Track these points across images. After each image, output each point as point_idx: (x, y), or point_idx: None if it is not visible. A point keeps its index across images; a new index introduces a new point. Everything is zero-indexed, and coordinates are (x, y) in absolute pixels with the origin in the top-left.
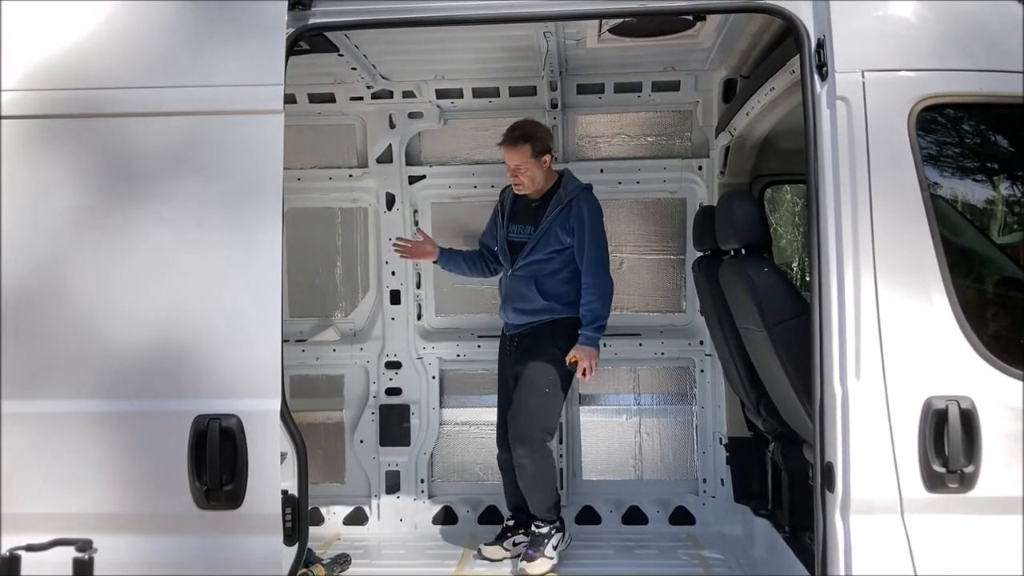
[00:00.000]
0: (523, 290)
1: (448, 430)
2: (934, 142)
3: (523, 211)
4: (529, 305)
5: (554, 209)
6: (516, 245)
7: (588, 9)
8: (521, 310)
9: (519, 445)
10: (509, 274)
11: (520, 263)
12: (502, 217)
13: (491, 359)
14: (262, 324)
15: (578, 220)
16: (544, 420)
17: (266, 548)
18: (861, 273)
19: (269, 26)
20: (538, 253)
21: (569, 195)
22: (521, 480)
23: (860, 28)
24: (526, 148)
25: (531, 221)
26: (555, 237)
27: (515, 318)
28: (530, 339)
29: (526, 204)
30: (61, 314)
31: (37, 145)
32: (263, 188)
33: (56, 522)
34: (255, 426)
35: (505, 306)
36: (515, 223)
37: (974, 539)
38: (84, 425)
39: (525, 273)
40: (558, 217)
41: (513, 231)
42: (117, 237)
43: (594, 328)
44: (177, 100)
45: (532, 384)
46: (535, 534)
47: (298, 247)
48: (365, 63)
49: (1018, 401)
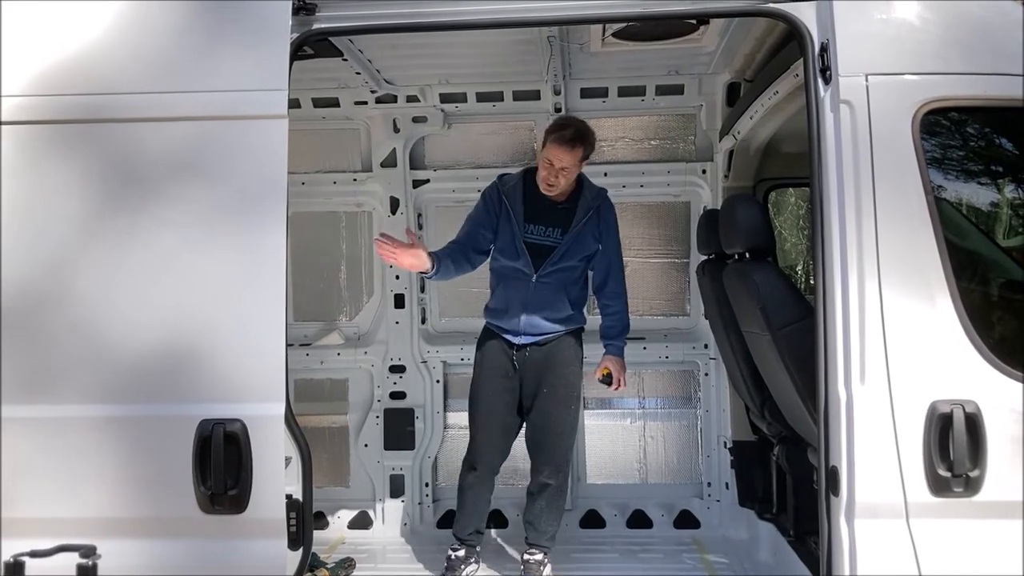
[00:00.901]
0: (551, 297)
1: (452, 434)
2: (938, 146)
3: (545, 213)
4: (558, 314)
5: (586, 214)
6: (538, 248)
7: (591, 14)
8: (549, 318)
9: (547, 465)
10: (532, 280)
11: (549, 268)
12: (513, 216)
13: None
14: (266, 329)
15: (607, 226)
16: (570, 439)
17: (271, 552)
18: (865, 277)
19: (273, 31)
20: (570, 259)
21: (596, 200)
22: (539, 501)
23: (864, 32)
24: (579, 151)
25: (557, 224)
26: (586, 243)
27: (537, 327)
28: (552, 350)
29: (548, 206)
30: (67, 318)
31: (43, 150)
32: (268, 193)
33: (61, 526)
34: (259, 431)
35: (524, 313)
36: (536, 224)
37: (979, 543)
38: (89, 429)
39: (554, 280)
40: (589, 223)
41: (534, 233)
42: (122, 241)
43: (624, 338)
44: (182, 105)
45: (561, 401)
46: (530, 563)
47: (302, 251)
48: (369, 67)
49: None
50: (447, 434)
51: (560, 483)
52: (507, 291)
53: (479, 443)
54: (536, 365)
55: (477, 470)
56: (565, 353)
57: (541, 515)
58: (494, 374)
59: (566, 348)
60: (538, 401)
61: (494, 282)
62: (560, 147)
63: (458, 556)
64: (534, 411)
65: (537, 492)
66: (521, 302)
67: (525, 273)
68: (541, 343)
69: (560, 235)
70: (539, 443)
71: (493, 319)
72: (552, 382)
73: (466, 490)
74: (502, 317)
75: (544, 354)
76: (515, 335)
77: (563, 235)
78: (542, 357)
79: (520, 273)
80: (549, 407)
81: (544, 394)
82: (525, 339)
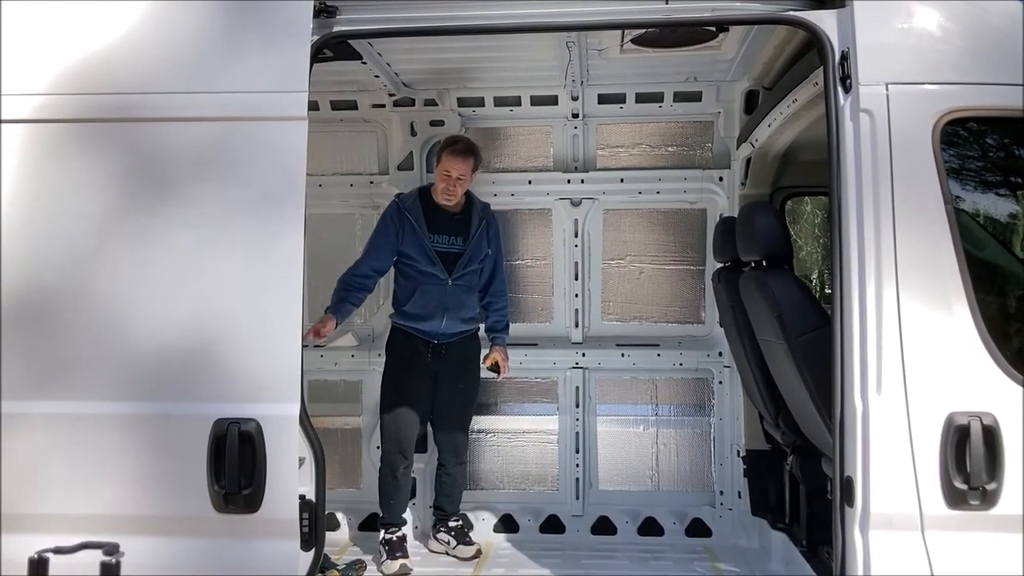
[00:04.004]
0: (463, 298)
1: None
2: (958, 155)
3: (444, 223)
4: (469, 313)
5: (479, 223)
6: (445, 255)
7: (611, 19)
8: (463, 318)
9: (461, 454)
10: (448, 283)
11: (459, 272)
12: (417, 228)
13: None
14: (283, 329)
15: (495, 235)
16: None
17: (283, 553)
18: (883, 286)
19: (294, 33)
20: (473, 264)
21: (483, 211)
22: (455, 482)
23: (884, 41)
24: (471, 161)
25: (457, 233)
26: (482, 248)
27: (453, 326)
28: (461, 348)
29: (446, 217)
30: (86, 317)
31: (67, 148)
32: (286, 193)
33: (78, 523)
34: (274, 431)
35: (443, 315)
36: (439, 234)
37: (996, 557)
38: (107, 427)
39: (465, 283)
40: (481, 231)
41: (439, 242)
42: (142, 241)
43: (507, 331)
44: (203, 105)
45: (470, 396)
46: (459, 529)
47: (319, 253)
48: (388, 71)
49: None
50: None
51: (464, 463)
52: (424, 296)
53: (405, 435)
54: (449, 362)
55: (407, 458)
56: (471, 350)
57: (455, 493)
58: (415, 373)
59: (471, 345)
60: (452, 396)
61: (409, 289)
62: (455, 158)
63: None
64: (448, 405)
65: (456, 476)
66: (440, 305)
67: (440, 278)
68: (454, 342)
69: (462, 243)
70: (449, 435)
71: (409, 322)
72: (460, 376)
73: (399, 478)
74: (421, 320)
75: (458, 352)
76: (430, 335)
77: (464, 242)
78: (455, 355)
79: (435, 279)
80: (459, 400)
81: (459, 390)
82: (442, 339)
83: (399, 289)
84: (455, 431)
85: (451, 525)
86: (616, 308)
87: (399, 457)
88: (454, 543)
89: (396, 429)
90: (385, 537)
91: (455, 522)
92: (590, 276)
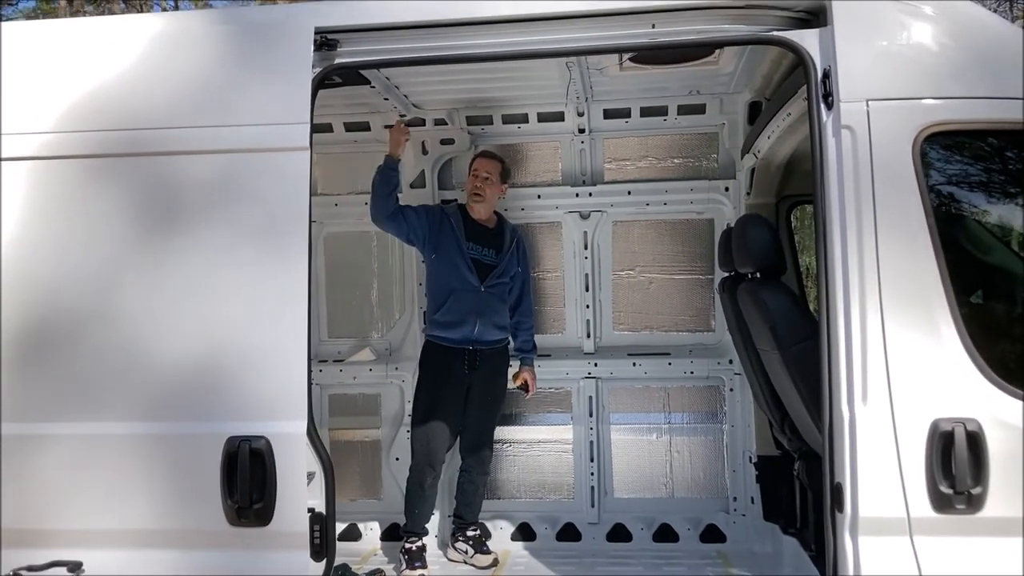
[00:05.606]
0: (497, 306)
1: None
2: (939, 169)
3: (480, 234)
4: (502, 320)
5: (511, 241)
6: (478, 264)
7: (600, 44)
8: (496, 324)
9: (486, 464)
10: (481, 290)
11: (492, 281)
12: (455, 231)
13: None
14: (289, 350)
15: (524, 255)
16: (494, 439)
17: (294, 563)
18: (867, 298)
19: (296, 67)
20: (504, 276)
21: (514, 232)
22: (477, 490)
23: (864, 58)
24: (498, 163)
25: (491, 245)
26: (512, 265)
27: (487, 332)
28: (496, 357)
29: (481, 229)
30: (104, 342)
31: (82, 182)
32: (291, 219)
33: (99, 538)
34: (283, 447)
35: (479, 320)
36: (475, 243)
37: (982, 560)
38: (125, 446)
39: (497, 292)
40: (512, 248)
41: (474, 250)
42: (154, 269)
43: (535, 351)
44: (211, 139)
45: (499, 404)
46: (476, 538)
47: (337, 270)
48: (397, 93)
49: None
50: None
51: (488, 474)
52: (458, 302)
53: (436, 448)
54: (484, 370)
55: (436, 470)
56: (504, 360)
57: (476, 501)
58: (451, 379)
59: (504, 355)
60: (482, 408)
61: (442, 296)
62: (483, 159)
63: (419, 547)
64: (478, 416)
65: (479, 482)
66: (473, 310)
67: (473, 284)
68: (490, 350)
69: (495, 255)
70: (477, 441)
71: (443, 331)
72: (492, 383)
73: (427, 489)
74: (454, 328)
75: (493, 360)
76: (468, 342)
77: (497, 255)
78: (490, 363)
79: (469, 284)
80: (490, 407)
81: (489, 402)
82: (480, 345)
83: (431, 299)
84: (483, 443)
85: (469, 534)
86: (627, 318)
87: (428, 469)
88: (472, 552)
89: (427, 441)
90: (405, 547)
91: (473, 531)
92: (600, 287)
